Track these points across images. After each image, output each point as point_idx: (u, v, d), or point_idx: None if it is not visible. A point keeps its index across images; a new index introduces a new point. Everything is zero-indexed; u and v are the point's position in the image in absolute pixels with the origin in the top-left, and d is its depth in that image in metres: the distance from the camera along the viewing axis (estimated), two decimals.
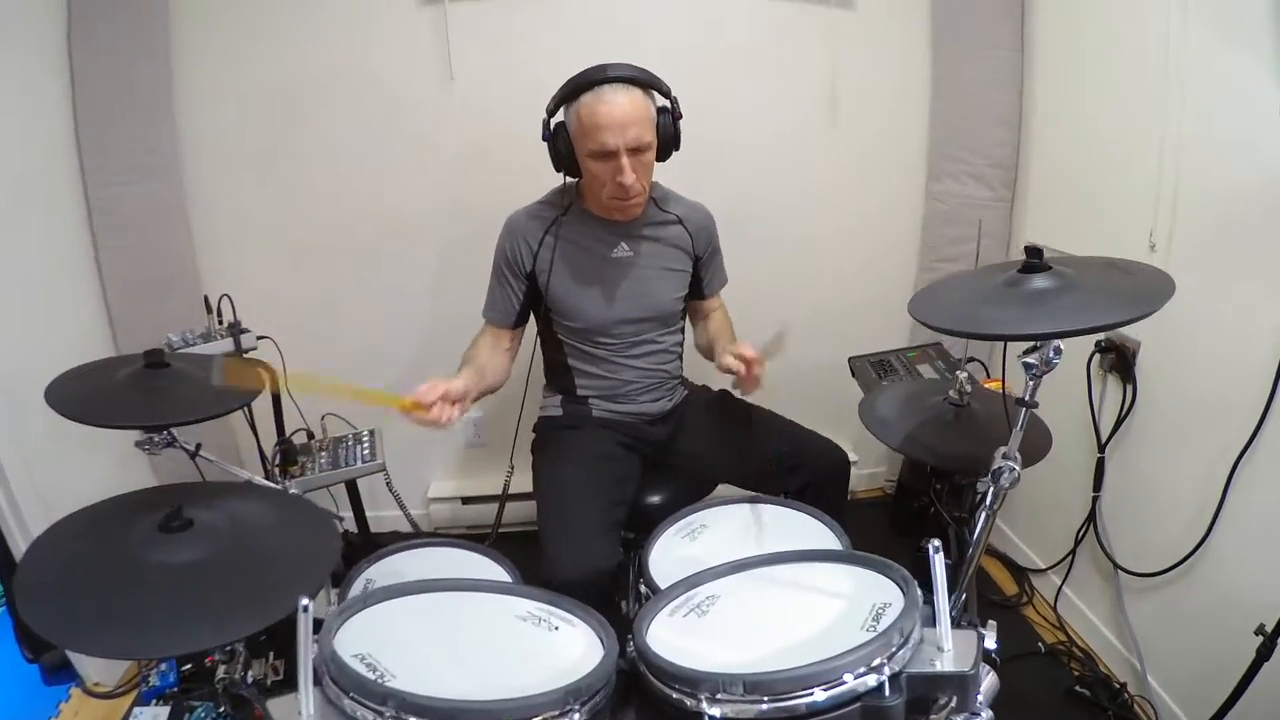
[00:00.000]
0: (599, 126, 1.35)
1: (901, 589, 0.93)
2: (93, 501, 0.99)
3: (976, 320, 0.93)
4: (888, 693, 0.79)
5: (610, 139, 1.35)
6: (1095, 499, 1.72)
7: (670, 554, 1.29)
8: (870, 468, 2.45)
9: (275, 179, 1.99)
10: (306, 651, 0.78)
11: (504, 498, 1.74)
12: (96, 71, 1.76)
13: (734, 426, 1.62)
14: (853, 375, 1.81)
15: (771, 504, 1.38)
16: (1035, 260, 0.97)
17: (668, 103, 1.45)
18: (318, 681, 0.81)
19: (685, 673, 0.85)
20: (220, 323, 1.67)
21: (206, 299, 1.72)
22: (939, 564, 0.82)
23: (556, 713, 0.81)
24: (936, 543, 0.83)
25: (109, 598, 0.84)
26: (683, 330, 1.70)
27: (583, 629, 1.02)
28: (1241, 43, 1.34)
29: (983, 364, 1.99)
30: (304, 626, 0.78)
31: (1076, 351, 1.69)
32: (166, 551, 0.90)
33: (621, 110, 1.35)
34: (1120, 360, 1.64)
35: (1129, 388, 1.62)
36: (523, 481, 1.59)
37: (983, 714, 0.84)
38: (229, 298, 1.67)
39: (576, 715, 0.82)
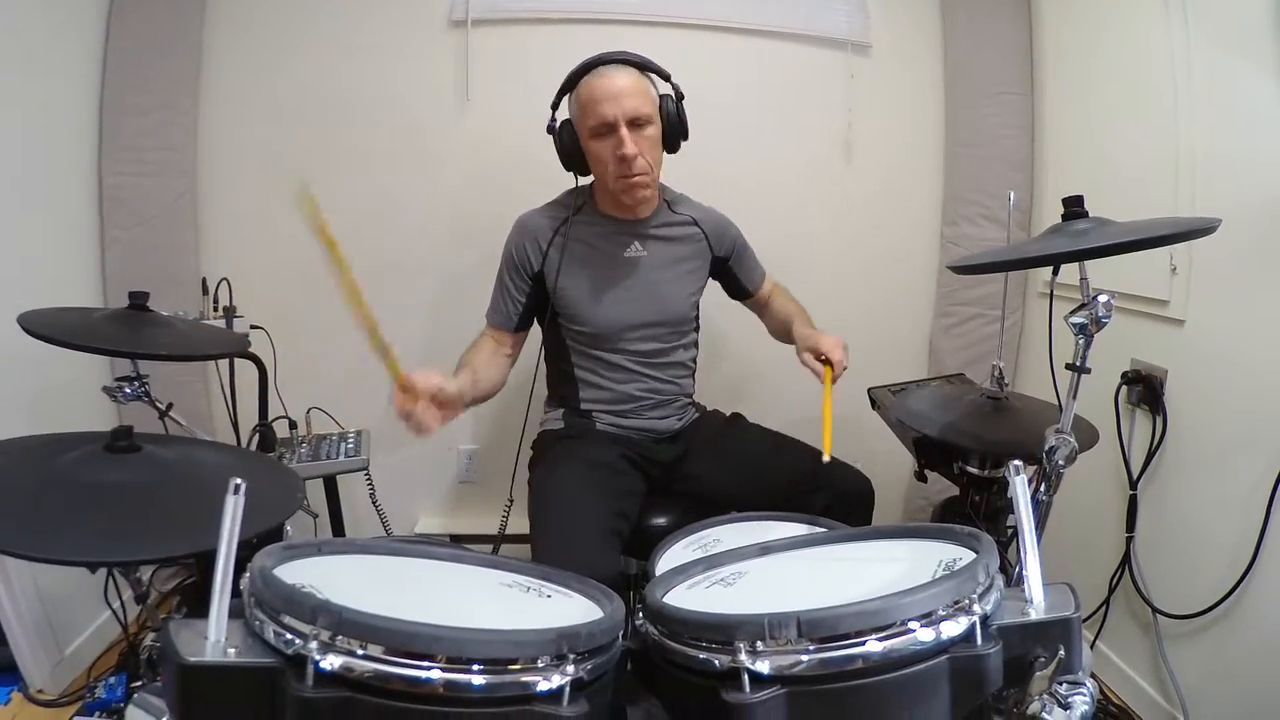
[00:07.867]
0: (595, 100, 1.34)
1: (971, 546, 0.79)
2: None
3: (1025, 252, 0.88)
4: (980, 640, 0.65)
5: (608, 110, 1.33)
6: (1129, 539, 1.61)
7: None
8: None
9: (287, 187, 1.96)
10: (231, 539, 0.64)
11: (500, 538, 1.62)
12: (128, 61, 1.78)
13: (748, 450, 1.52)
14: (873, 406, 1.72)
15: (798, 522, 1.22)
16: (1077, 209, 0.93)
17: (670, 89, 1.44)
18: (240, 614, 0.67)
19: (717, 619, 0.70)
20: (215, 307, 1.60)
21: (205, 281, 1.67)
22: (1022, 487, 0.68)
23: (548, 658, 0.66)
24: (1018, 462, 0.69)
25: (34, 506, 0.77)
26: (696, 345, 1.63)
27: (580, 600, 0.88)
28: (1249, 61, 1.35)
29: None
30: (231, 510, 0.65)
31: (1103, 386, 1.63)
32: (107, 471, 0.82)
33: (617, 83, 1.35)
34: (1148, 391, 1.58)
35: (1158, 419, 1.55)
36: (519, 524, 1.45)
37: (1087, 685, 0.67)
38: (227, 281, 1.62)
39: (571, 668, 0.67)
